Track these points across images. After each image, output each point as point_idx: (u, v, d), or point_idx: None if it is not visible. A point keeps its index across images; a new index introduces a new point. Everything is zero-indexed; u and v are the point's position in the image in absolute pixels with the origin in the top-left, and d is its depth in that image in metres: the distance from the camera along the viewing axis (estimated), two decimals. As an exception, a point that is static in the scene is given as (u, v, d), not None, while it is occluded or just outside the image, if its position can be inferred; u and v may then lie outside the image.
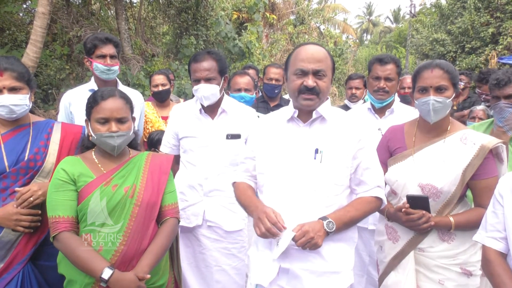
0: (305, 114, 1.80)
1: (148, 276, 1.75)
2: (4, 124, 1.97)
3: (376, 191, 1.80)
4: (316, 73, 1.72)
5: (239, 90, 3.18)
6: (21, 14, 8.81)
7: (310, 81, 1.71)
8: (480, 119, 3.63)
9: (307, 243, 1.61)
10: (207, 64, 2.41)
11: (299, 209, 1.72)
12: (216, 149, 2.50)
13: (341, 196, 1.77)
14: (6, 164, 1.90)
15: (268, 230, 1.63)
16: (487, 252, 1.56)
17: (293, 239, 1.62)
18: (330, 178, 1.73)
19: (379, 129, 2.65)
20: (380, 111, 2.74)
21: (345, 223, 1.71)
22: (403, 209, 1.93)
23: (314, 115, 1.77)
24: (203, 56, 2.44)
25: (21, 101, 1.91)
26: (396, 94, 2.85)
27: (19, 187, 1.90)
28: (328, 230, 1.65)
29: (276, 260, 1.73)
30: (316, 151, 1.73)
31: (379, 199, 1.81)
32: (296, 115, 1.81)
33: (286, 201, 1.75)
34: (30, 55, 5.79)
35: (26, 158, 1.94)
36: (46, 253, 1.96)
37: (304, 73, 1.73)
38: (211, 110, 2.52)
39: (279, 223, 1.63)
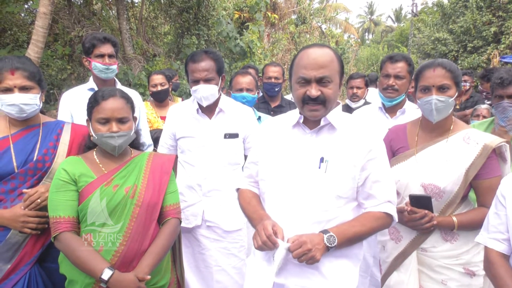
0: (312, 120, 1.68)
1: (149, 277, 1.74)
2: (14, 124, 1.97)
3: (386, 207, 1.65)
4: (320, 81, 1.57)
5: (241, 90, 3.17)
6: (22, 15, 8.80)
7: (313, 91, 1.56)
8: (484, 117, 3.61)
9: (304, 255, 1.48)
10: (206, 64, 2.39)
11: (299, 220, 1.61)
12: (214, 149, 2.49)
13: (344, 209, 1.63)
14: (15, 164, 1.89)
15: (264, 243, 1.53)
16: (490, 254, 1.55)
17: (289, 249, 1.51)
18: (334, 189, 1.60)
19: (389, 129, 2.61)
20: (391, 110, 2.71)
21: (349, 239, 1.57)
22: (407, 209, 1.91)
23: (322, 122, 1.65)
24: (201, 56, 2.42)
25: (31, 101, 1.90)
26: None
27: (27, 188, 1.89)
28: (329, 245, 1.52)
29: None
30: (322, 160, 1.61)
31: (389, 216, 1.66)
32: (301, 120, 1.70)
33: (285, 210, 1.64)
34: (32, 55, 5.78)
35: (34, 159, 1.92)
36: (53, 255, 1.94)
37: (306, 82, 1.58)
38: (208, 110, 2.52)
39: (272, 236, 1.52)
